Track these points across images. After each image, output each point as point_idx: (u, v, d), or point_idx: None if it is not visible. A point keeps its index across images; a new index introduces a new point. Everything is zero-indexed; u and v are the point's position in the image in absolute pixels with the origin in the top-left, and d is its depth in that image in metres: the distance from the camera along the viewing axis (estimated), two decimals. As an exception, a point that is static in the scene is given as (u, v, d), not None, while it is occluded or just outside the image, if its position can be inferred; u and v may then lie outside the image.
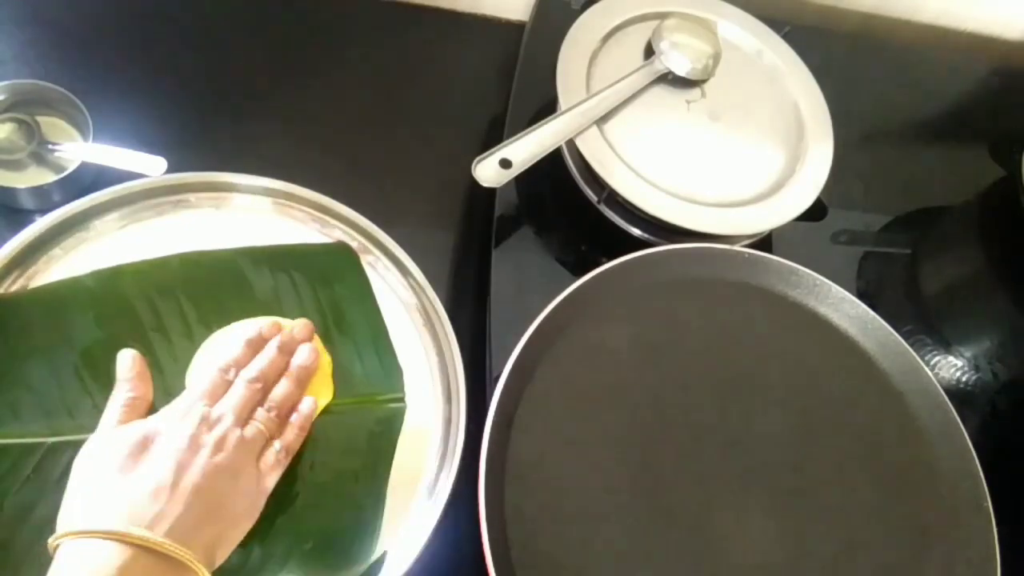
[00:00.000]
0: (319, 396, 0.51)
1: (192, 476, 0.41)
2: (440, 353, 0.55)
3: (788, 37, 0.70)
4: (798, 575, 0.51)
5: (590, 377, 0.54)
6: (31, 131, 0.60)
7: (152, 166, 0.58)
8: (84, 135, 0.59)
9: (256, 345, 0.49)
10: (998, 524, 0.53)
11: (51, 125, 0.61)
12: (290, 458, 0.47)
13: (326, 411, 0.51)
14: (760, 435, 0.54)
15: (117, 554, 0.38)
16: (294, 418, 0.48)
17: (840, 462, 0.55)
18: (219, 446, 0.43)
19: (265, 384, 0.47)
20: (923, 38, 0.85)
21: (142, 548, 0.38)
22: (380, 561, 0.48)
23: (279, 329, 0.50)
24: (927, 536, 0.53)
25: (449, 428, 0.53)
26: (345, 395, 0.52)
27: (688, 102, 0.65)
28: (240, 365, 0.48)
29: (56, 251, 0.53)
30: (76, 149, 0.59)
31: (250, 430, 0.45)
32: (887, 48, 0.84)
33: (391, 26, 0.74)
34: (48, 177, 0.58)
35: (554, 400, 0.52)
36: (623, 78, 0.63)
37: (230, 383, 0.47)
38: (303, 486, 0.49)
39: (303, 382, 0.49)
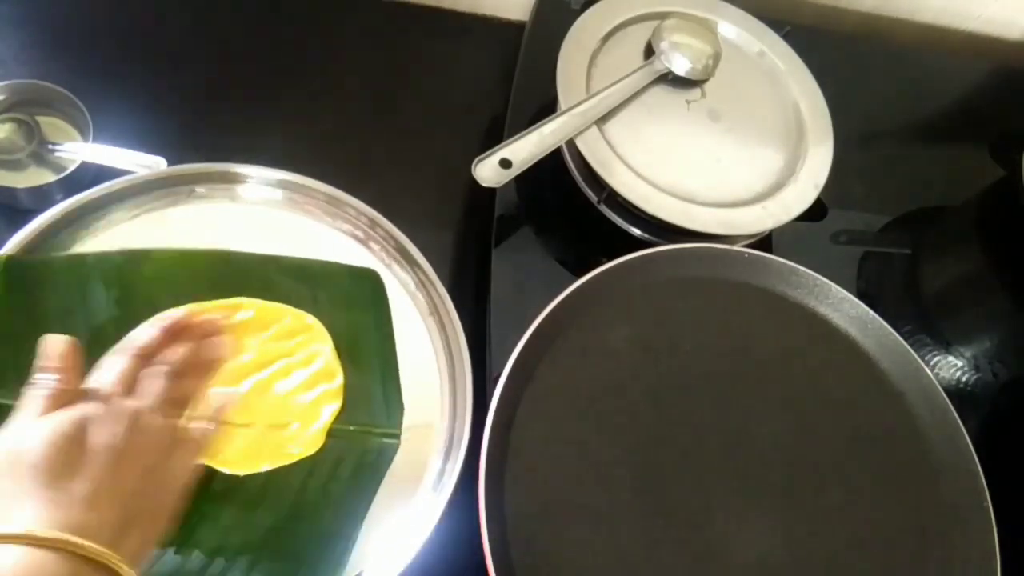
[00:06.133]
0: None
1: (125, 480, 0.39)
2: (447, 346, 0.55)
3: (788, 37, 0.70)
4: (798, 575, 0.51)
5: (590, 377, 0.54)
6: (31, 131, 0.60)
7: (152, 166, 0.58)
8: (84, 135, 0.59)
9: (170, 332, 0.46)
10: (998, 524, 0.53)
11: (51, 125, 0.61)
12: (204, 453, 0.45)
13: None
14: (760, 435, 0.54)
15: (53, 563, 0.35)
16: (209, 413, 0.46)
17: (840, 462, 0.55)
18: (147, 445, 0.41)
19: (177, 376, 0.45)
20: (923, 38, 0.85)
21: (80, 557, 0.36)
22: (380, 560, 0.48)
23: (193, 318, 0.47)
24: (927, 536, 0.53)
25: (455, 422, 0.53)
26: (340, 420, 0.52)
27: (688, 102, 0.65)
28: (151, 353, 0.45)
29: (66, 240, 0.53)
30: (76, 149, 0.59)
31: (169, 426, 0.43)
32: (887, 48, 0.84)
33: (391, 26, 0.74)
34: (48, 177, 0.58)
35: (554, 400, 0.52)
36: (623, 78, 0.63)
37: (138, 370, 0.44)
38: (282, 504, 0.48)
39: (210, 375, 0.47)
